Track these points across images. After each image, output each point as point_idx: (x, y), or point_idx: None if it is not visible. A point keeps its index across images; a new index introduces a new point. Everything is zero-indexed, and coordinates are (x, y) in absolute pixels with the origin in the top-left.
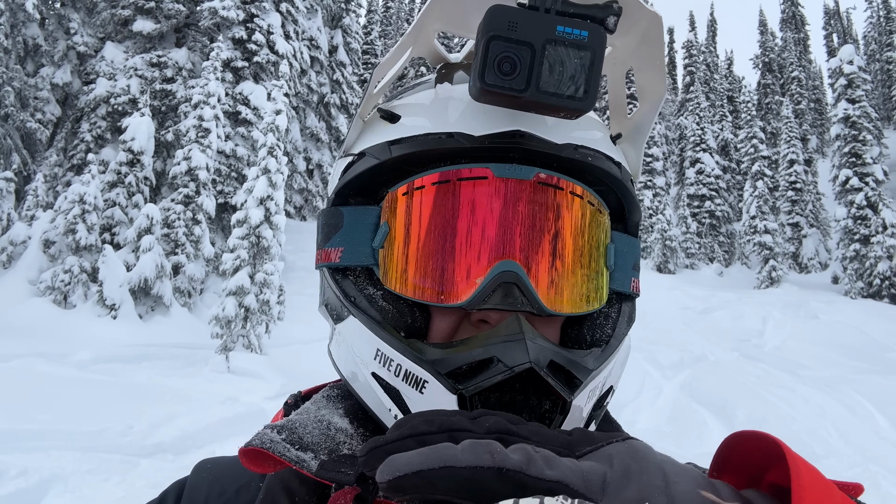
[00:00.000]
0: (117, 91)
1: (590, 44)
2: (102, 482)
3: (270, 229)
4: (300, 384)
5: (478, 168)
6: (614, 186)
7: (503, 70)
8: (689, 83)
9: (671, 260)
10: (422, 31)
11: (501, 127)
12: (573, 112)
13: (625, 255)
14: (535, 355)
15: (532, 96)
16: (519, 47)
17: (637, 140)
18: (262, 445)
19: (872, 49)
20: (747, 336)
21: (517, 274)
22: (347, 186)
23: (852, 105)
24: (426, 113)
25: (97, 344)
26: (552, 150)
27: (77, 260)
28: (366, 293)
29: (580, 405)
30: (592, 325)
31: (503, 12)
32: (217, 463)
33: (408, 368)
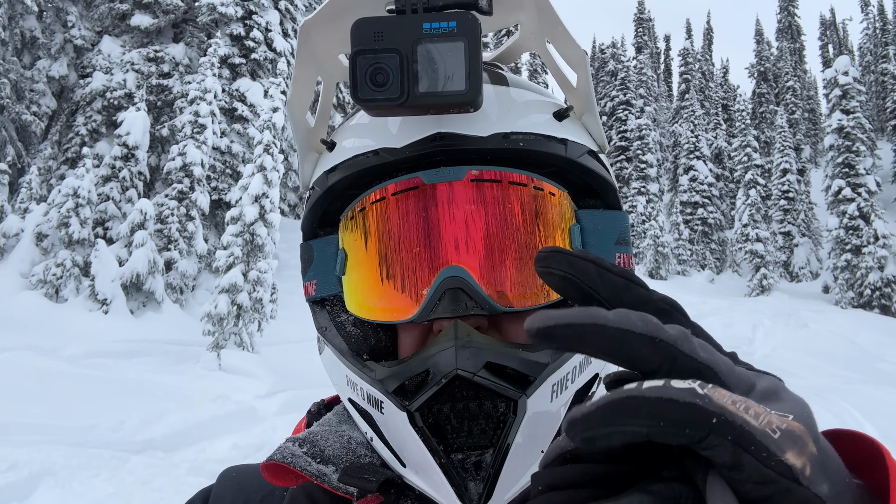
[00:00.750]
0: (113, 85)
1: (460, 32)
2: (92, 477)
3: (265, 227)
4: (292, 383)
5: (408, 179)
6: (565, 165)
7: (377, 82)
8: (685, 91)
9: (663, 266)
10: (317, 59)
11: (423, 132)
12: (463, 106)
13: (599, 232)
14: (463, 361)
15: (411, 101)
16: (386, 56)
17: (590, 107)
18: (283, 460)
19: (868, 60)
20: (737, 343)
21: (462, 278)
22: (310, 220)
23: (846, 116)
24: (359, 132)
25: (88, 338)
26: (478, 145)
27: (69, 254)
28: (337, 321)
29: (542, 402)
30: None
31: (368, 24)
32: (242, 471)
33: (367, 391)
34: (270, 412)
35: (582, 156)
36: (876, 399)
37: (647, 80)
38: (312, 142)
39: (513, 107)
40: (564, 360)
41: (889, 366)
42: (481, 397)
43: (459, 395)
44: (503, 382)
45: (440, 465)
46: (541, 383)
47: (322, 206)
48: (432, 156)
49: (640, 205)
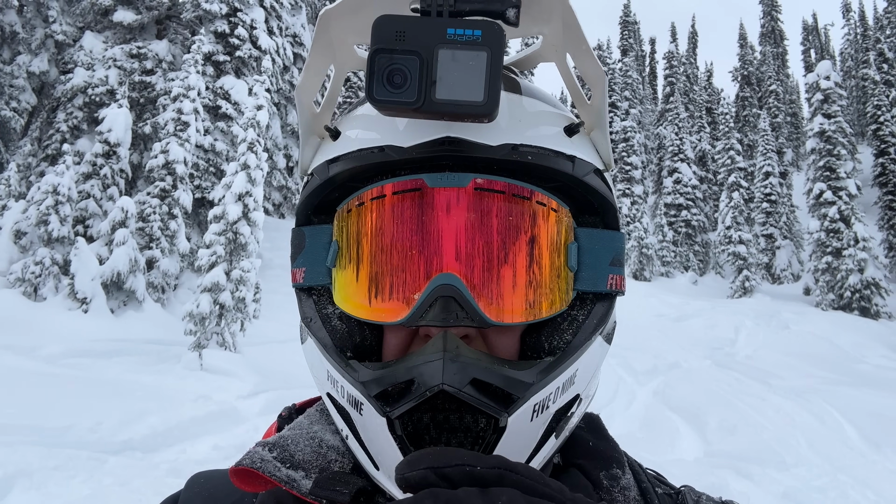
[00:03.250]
0: (95, 81)
1: (484, 43)
2: (69, 479)
3: (248, 226)
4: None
5: (411, 179)
6: (570, 182)
7: (394, 83)
8: (669, 94)
9: (647, 267)
10: (333, 47)
11: (432, 135)
12: (478, 116)
13: (595, 252)
14: (450, 376)
15: (427, 107)
16: (407, 57)
17: (602, 124)
18: (252, 465)
19: (849, 65)
20: (720, 344)
21: (455, 287)
22: (305, 206)
23: (828, 120)
24: (365, 126)
25: (67, 338)
26: (486, 154)
27: (49, 252)
28: (323, 313)
29: (522, 422)
30: (553, 332)
31: (390, 22)
32: (210, 477)
33: (348, 390)
34: (253, 413)
35: (588, 174)
36: (855, 399)
37: (633, 82)
38: (316, 127)
39: (524, 117)
40: (548, 382)
41: (868, 367)
42: (462, 410)
43: (441, 406)
44: (487, 399)
45: None
46: (523, 403)
47: (319, 194)
48: (438, 159)
49: (625, 206)
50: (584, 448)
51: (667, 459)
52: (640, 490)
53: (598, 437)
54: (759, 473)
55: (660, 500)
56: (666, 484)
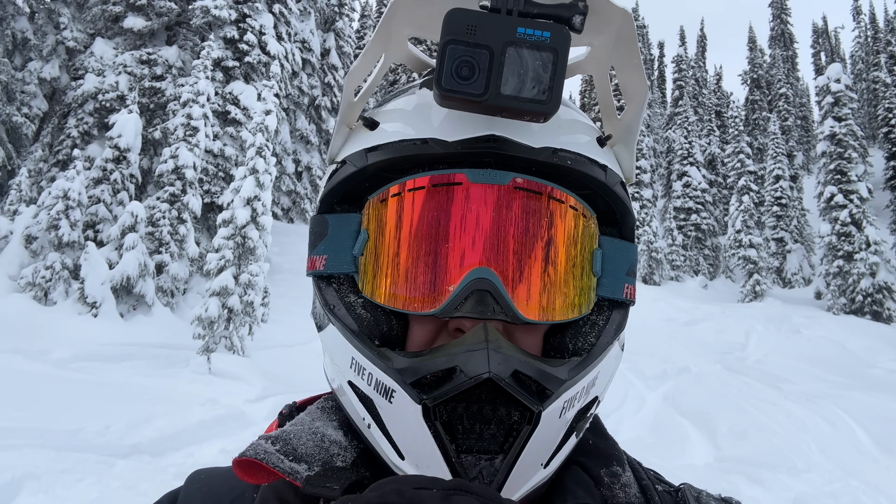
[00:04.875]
0: (105, 87)
1: (552, 44)
2: (77, 482)
3: (257, 230)
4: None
5: (453, 174)
6: (600, 190)
7: (461, 75)
8: (678, 97)
9: (656, 272)
10: (390, 37)
11: (476, 132)
12: (537, 115)
13: (616, 260)
14: (496, 365)
15: (492, 100)
16: (477, 51)
17: (629, 141)
18: (255, 456)
19: (859, 68)
20: (730, 349)
21: (491, 282)
22: (331, 194)
23: (839, 123)
24: (405, 119)
25: (77, 342)
26: (528, 155)
27: (59, 256)
28: (346, 301)
29: (553, 416)
30: (576, 334)
31: (462, 16)
32: (210, 474)
33: (378, 377)
34: (260, 416)
35: (616, 185)
36: (867, 405)
37: None
38: (350, 116)
39: (561, 123)
40: (578, 379)
41: (880, 371)
42: (498, 403)
43: (478, 397)
44: (525, 392)
45: (449, 463)
46: (556, 398)
47: (351, 182)
48: (480, 156)
49: (634, 210)
50: (585, 446)
51: (677, 465)
52: (641, 487)
53: (598, 435)
54: (771, 479)
55: (660, 497)
56: (665, 482)
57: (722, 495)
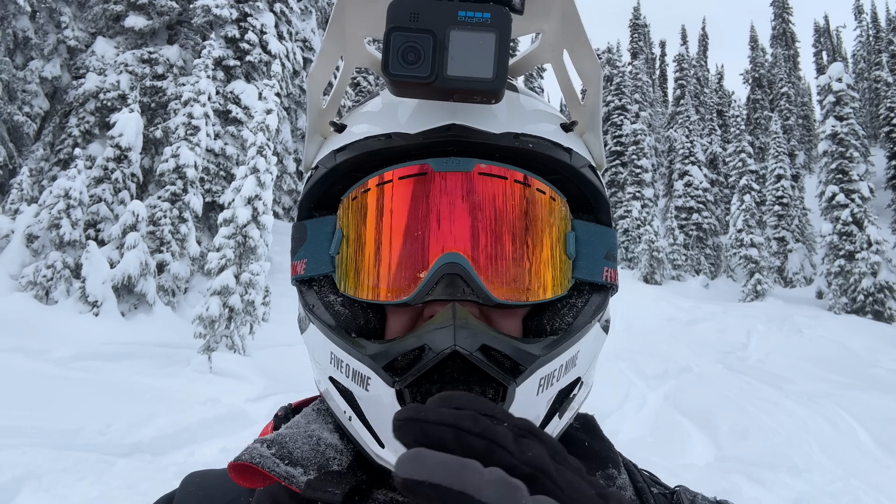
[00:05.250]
0: (107, 86)
1: (493, 24)
2: (77, 481)
3: (257, 229)
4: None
5: (417, 165)
6: (568, 174)
7: (408, 59)
8: (680, 96)
9: (658, 271)
10: (345, 38)
11: (437, 122)
12: (486, 94)
13: (592, 244)
14: (462, 339)
15: (440, 82)
16: (421, 36)
17: (594, 126)
18: (251, 460)
19: (861, 67)
20: (732, 348)
21: (460, 265)
22: (308, 199)
23: (840, 122)
24: (370, 119)
25: (78, 341)
26: (490, 140)
27: (60, 255)
28: (326, 301)
29: (528, 394)
30: (554, 315)
31: (405, 4)
32: (206, 476)
33: (354, 367)
34: (261, 415)
35: (583, 167)
36: (868, 404)
37: (643, 85)
38: (321, 124)
39: (523, 112)
40: (554, 356)
41: (882, 371)
42: (471, 381)
43: (450, 376)
44: (496, 367)
45: None
46: (530, 374)
47: (324, 185)
48: (443, 145)
49: (635, 210)
50: (580, 448)
51: (678, 464)
52: (636, 490)
53: (594, 437)
54: (772, 478)
55: (655, 499)
56: (660, 484)
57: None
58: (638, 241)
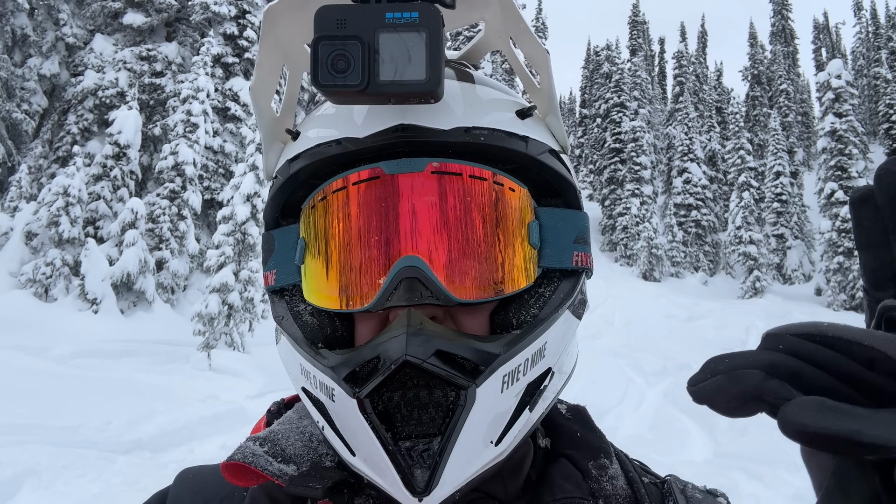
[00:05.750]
0: (105, 84)
1: (422, 23)
2: (77, 478)
3: (257, 226)
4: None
5: (370, 169)
6: (526, 162)
7: (338, 68)
8: (679, 93)
9: (657, 268)
10: (282, 46)
11: (386, 123)
12: (422, 96)
13: (559, 230)
14: (413, 348)
15: (372, 89)
16: (349, 42)
17: (554, 108)
18: (244, 460)
19: (860, 64)
20: (730, 345)
21: (418, 268)
22: (271, 210)
23: (839, 119)
24: (324, 123)
25: (77, 338)
26: (439, 138)
27: (59, 253)
28: (295, 311)
29: (492, 392)
30: (520, 307)
31: (330, 12)
32: (199, 472)
33: (320, 379)
34: (260, 412)
35: (542, 154)
36: None
37: (642, 82)
38: (277, 131)
39: (476, 103)
40: (516, 352)
41: None
42: (431, 386)
43: (410, 382)
44: (453, 371)
45: (388, 452)
46: (491, 373)
47: (284, 195)
48: (394, 147)
49: (634, 207)
50: (573, 438)
51: (676, 461)
52: (627, 479)
53: (586, 427)
54: (770, 475)
55: (646, 488)
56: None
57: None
58: (637, 239)
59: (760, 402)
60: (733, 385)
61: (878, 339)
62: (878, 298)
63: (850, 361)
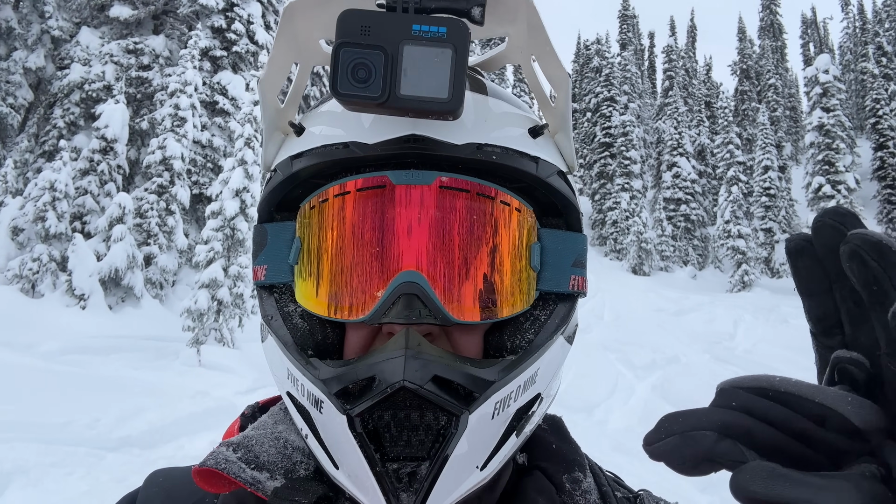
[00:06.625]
0: (92, 77)
1: (450, 39)
2: (66, 475)
3: (246, 222)
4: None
5: (376, 177)
6: (534, 183)
7: (358, 77)
8: (668, 87)
9: (646, 262)
10: (298, 41)
11: (397, 132)
12: (442, 114)
13: (559, 252)
14: (411, 373)
15: (392, 102)
16: (372, 52)
17: (565, 127)
18: (216, 466)
19: (848, 59)
20: (719, 339)
21: (418, 285)
22: (267, 203)
23: (827, 114)
24: (332, 121)
25: (65, 334)
26: (451, 152)
27: (46, 248)
28: (284, 311)
29: (483, 419)
30: (515, 331)
31: (356, 17)
32: (170, 476)
33: (308, 389)
34: None
35: (551, 176)
36: None
37: (632, 76)
38: (280, 122)
39: (489, 117)
40: (509, 380)
41: None
42: (423, 408)
43: (402, 404)
44: (448, 397)
45: (374, 473)
46: (484, 400)
47: (282, 191)
48: (403, 157)
49: (624, 201)
50: (547, 450)
51: None
52: (601, 493)
53: (561, 439)
54: None
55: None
56: (624, 487)
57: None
58: (626, 233)
59: (714, 464)
60: (687, 447)
61: (830, 396)
62: (826, 345)
63: (801, 419)
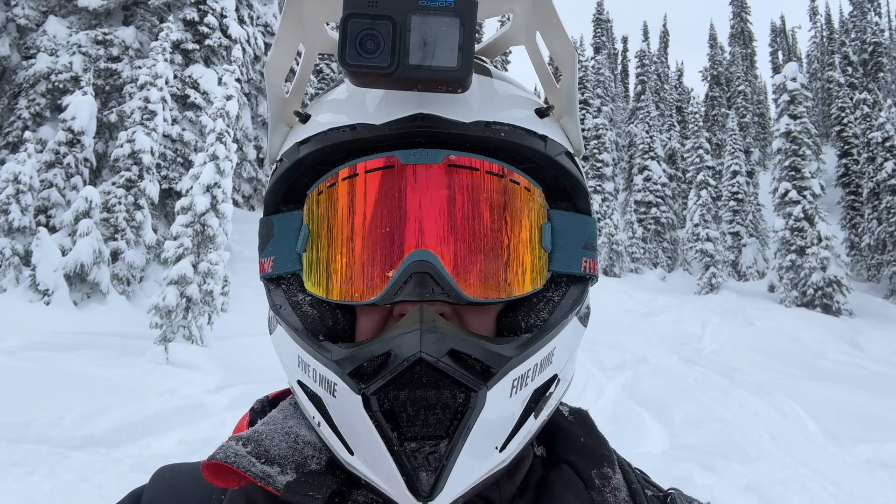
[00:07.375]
0: (59, 67)
1: (457, 9)
2: (29, 474)
3: (216, 218)
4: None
5: (384, 157)
6: (543, 162)
7: (366, 48)
8: (641, 92)
9: (617, 263)
10: (304, 23)
11: (405, 112)
12: (451, 83)
13: (569, 234)
14: (428, 345)
15: (400, 72)
16: (379, 22)
17: (571, 109)
18: (226, 460)
19: (815, 67)
20: (687, 340)
21: (430, 263)
22: (273, 194)
23: (794, 121)
24: (336, 108)
25: (28, 330)
26: (459, 130)
27: (9, 242)
28: (293, 300)
29: (501, 396)
30: (529, 311)
31: None
32: (176, 472)
33: (321, 372)
34: (219, 407)
35: (560, 155)
36: (816, 395)
37: (605, 80)
38: (285, 113)
39: (495, 98)
40: (527, 357)
41: (829, 363)
42: (440, 386)
43: (418, 381)
44: (465, 372)
45: (392, 453)
46: (502, 376)
47: (289, 179)
48: (411, 136)
49: (596, 203)
50: (576, 444)
51: (634, 453)
52: (630, 491)
53: (589, 433)
54: (723, 466)
55: (648, 501)
56: (653, 485)
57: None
58: (598, 235)
59: None
60: None
61: None
62: None
63: None
